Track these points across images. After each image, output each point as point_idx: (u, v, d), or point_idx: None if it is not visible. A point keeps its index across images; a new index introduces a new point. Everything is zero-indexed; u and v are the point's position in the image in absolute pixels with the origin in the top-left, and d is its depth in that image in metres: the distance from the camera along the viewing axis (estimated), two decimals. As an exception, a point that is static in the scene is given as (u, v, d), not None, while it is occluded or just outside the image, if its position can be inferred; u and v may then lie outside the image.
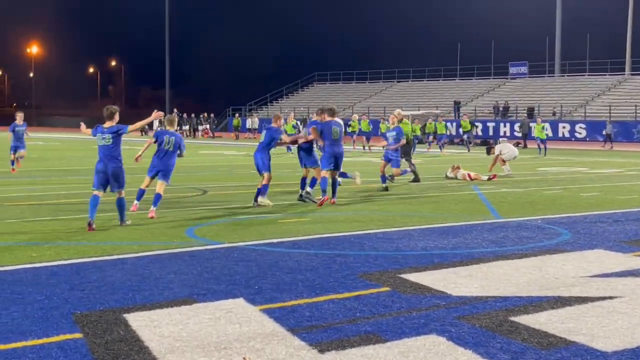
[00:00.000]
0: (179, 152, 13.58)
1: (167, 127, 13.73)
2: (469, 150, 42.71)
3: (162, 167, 13.46)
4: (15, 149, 24.17)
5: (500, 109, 61.37)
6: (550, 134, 47.17)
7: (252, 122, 64.84)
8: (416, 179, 20.38)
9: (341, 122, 16.16)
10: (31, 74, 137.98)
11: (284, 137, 15.65)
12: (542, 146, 37.42)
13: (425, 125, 46.00)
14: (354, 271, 8.60)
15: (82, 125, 13.24)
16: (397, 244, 10.38)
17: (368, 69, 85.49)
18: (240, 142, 55.05)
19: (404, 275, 8.35)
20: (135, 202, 13.80)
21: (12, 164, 23.92)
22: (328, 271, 8.59)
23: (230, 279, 8.18)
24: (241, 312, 6.87)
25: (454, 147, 48.57)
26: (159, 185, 13.47)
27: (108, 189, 12.04)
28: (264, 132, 15.38)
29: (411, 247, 10.19)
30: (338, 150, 15.37)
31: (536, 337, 6.09)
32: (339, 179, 16.22)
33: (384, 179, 18.18)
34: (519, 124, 50.94)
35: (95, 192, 11.96)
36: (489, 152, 22.65)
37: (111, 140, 11.99)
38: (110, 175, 11.99)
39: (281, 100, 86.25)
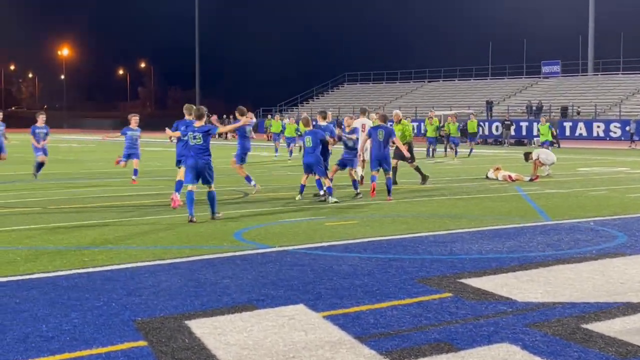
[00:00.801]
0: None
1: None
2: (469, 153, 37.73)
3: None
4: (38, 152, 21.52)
5: (534, 108, 60.82)
6: (555, 133, 43.74)
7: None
8: (423, 179, 19.76)
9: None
10: (62, 77, 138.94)
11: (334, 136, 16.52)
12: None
13: (465, 124, 45.58)
14: (412, 276, 8.44)
15: (168, 131, 15.04)
16: (450, 248, 10.20)
17: (398, 69, 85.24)
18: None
19: (463, 280, 8.18)
20: (176, 193, 14.61)
21: (38, 170, 21.41)
22: (385, 276, 8.44)
23: (287, 284, 8.05)
24: (304, 318, 6.74)
25: (487, 147, 48.12)
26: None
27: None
28: (308, 137, 15.43)
29: (466, 250, 10.01)
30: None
31: (613, 345, 5.91)
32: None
33: (355, 184, 17.00)
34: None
35: (190, 188, 12.81)
36: (526, 158, 22.30)
37: (202, 139, 12.83)
38: (201, 170, 12.81)
39: (311, 101, 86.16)
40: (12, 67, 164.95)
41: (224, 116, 68.66)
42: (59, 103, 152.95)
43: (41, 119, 22.17)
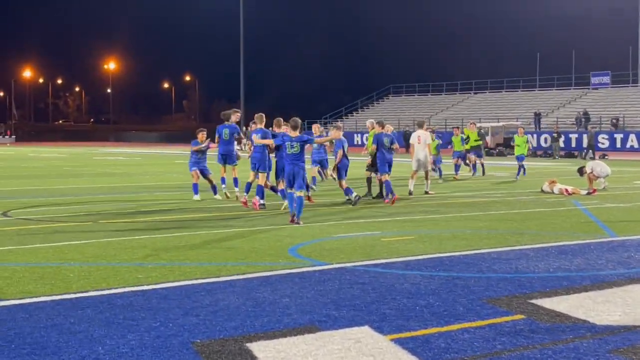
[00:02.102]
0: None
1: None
2: (474, 172, 29.67)
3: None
4: None
5: (582, 120, 59.81)
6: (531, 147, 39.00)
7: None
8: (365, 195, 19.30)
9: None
10: (109, 90, 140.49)
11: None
12: (520, 164, 28.07)
13: (559, 136, 45.16)
14: (479, 296, 8.06)
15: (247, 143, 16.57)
16: (515, 265, 9.79)
17: (444, 81, 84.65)
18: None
19: (535, 301, 7.77)
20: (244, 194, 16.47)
21: None
22: (451, 296, 8.07)
23: (349, 304, 7.72)
24: (371, 342, 6.40)
25: (536, 159, 47.35)
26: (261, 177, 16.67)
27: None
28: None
29: (532, 268, 9.59)
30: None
31: None
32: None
33: (348, 191, 17.64)
34: (587, 134, 49.40)
35: (290, 191, 14.31)
36: (581, 173, 21.72)
37: (299, 148, 14.21)
38: (294, 176, 14.13)
39: (356, 113, 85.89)
40: (59, 81, 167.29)
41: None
42: (104, 116, 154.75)
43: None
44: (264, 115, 17.47)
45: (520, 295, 8.09)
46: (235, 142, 19.37)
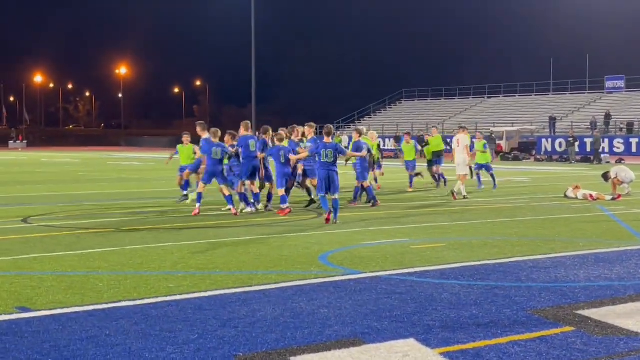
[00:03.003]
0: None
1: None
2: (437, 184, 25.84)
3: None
4: None
5: (598, 123, 59.44)
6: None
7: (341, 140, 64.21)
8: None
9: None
10: (120, 95, 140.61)
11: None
12: (477, 173, 24.92)
13: (575, 140, 45.11)
14: (522, 306, 7.83)
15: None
16: (554, 274, 9.55)
17: (457, 85, 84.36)
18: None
19: (581, 312, 7.53)
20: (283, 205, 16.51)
21: None
22: (494, 306, 7.84)
23: (389, 315, 7.50)
24: (419, 356, 6.19)
25: (552, 164, 47.03)
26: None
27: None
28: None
29: (572, 277, 9.35)
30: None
31: None
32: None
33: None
34: (592, 139, 48.96)
35: (322, 195, 15.21)
36: (606, 178, 21.41)
37: (332, 155, 15.11)
38: (330, 181, 15.05)
39: (368, 117, 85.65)
40: (69, 86, 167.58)
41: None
42: (115, 121, 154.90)
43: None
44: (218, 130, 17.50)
45: (565, 305, 7.85)
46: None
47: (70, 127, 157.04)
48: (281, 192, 16.93)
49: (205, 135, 17.15)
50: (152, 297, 8.35)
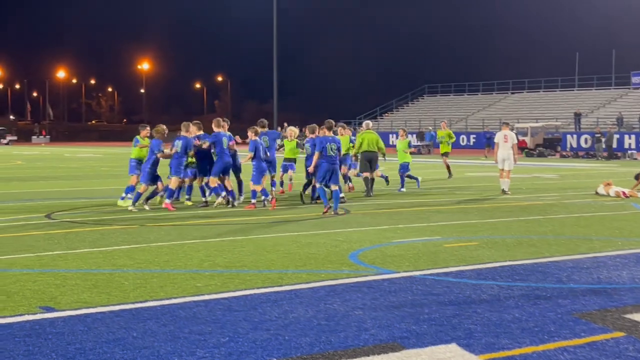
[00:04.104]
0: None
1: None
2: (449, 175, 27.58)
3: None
4: None
5: (624, 119, 58.68)
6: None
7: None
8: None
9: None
10: (142, 90, 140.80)
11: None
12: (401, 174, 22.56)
13: (603, 137, 44.65)
14: (567, 309, 7.47)
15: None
16: (596, 275, 9.18)
17: (480, 80, 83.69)
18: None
19: (630, 316, 7.17)
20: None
21: None
22: (537, 309, 7.48)
23: (427, 318, 7.16)
24: (464, 362, 5.84)
25: (579, 160, 46.44)
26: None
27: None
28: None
29: (615, 279, 8.97)
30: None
31: None
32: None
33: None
34: (605, 135, 48.15)
35: (319, 185, 15.97)
36: (638, 178, 20.90)
37: (337, 149, 16.02)
38: (333, 173, 15.83)
39: (390, 113, 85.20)
40: (92, 82, 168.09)
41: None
42: (137, 116, 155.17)
43: None
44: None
45: (612, 309, 7.48)
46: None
47: (93, 122, 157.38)
48: (257, 187, 17.09)
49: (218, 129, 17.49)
50: (180, 297, 8.07)
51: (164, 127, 17.53)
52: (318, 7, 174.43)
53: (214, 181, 17.07)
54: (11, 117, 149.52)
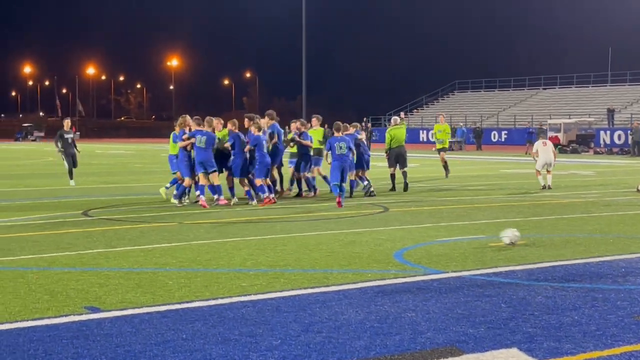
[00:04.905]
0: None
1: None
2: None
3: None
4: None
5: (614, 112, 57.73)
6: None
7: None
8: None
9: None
10: (171, 87, 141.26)
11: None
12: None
13: (637, 131, 43.98)
14: (628, 312, 7.21)
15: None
16: (652, 276, 8.88)
17: (511, 76, 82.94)
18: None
19: (695, 320, 6.88)
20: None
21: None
22: (596, 312, 7.22)
23: (483, 320, 6.93)
24: (528, 368, 5.61)
25: (612, 157, 45.82)
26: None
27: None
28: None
29: (672, 280, 8.68)
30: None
31: None
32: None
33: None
34: (630, 131, 47.38)
35: (335, 184, 16.63)
36: None
37: (346, 148, 16.94)
38: (344, 171, 16.70)
39: (420, 109, 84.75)
40: (121, 78, 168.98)
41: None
42: (165, 113, 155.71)
43: (66, 124, 24.06)
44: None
45: (676, 312, 7.21)
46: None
47: (122, 118, 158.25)
48: (261, 182, 16.92)
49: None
50: (226, 297, 7.90)
51: (188, 117, 17.36)
52: (348, 3, 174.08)
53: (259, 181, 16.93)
54: (41, 113, 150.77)
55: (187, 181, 16.71)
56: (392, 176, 20.72)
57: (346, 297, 7.93)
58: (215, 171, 16.70)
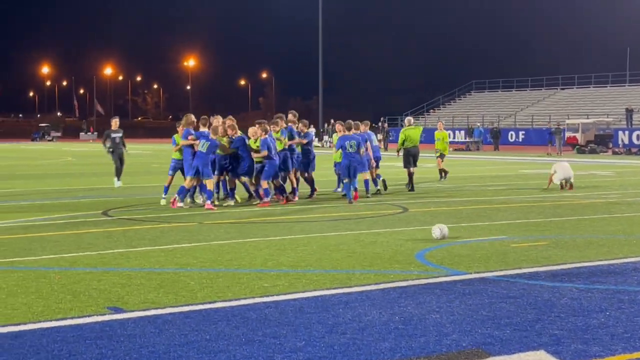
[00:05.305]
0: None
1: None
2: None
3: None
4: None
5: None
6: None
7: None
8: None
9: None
10: (188, 87, 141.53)
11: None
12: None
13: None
14: (655, 314, 7.11)
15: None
16: (678, 278, 8.78)
17: (528, 76, 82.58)
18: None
19: None
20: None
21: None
22: (623, 314, 7.15)
23: (509, 322, 6.86)
24: (557, 371, 5.54)
25: (632, 157, 45.51)
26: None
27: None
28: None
29: (699, 281, 8.57)
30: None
31: None
32: None
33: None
34: None
35: (346, 180, 17.42)
36: None
37: (356, 146, 17.44)
38: (353, 168, 17.30)
39: (437, 109, 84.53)
40: (138, 78, 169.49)
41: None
42: (182, 113, 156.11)
43: (115, 123, 23.07)
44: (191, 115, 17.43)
45: (703, 314, 7.11)
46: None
47: (139, 118, 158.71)
48: (267, 184, 16.83)
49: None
50: (249, 298, 7.86)
51: (193, 116, 17.29)
52: (365, 2, 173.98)
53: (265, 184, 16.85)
54: (58, 113, 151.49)
55: (188, 181, 16.59)
56: (410, 175, 20.61)
57: (369, 298, 7.88)
58: (209, 178, 16.40)
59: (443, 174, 24.34)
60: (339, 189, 19.34)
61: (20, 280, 8.77)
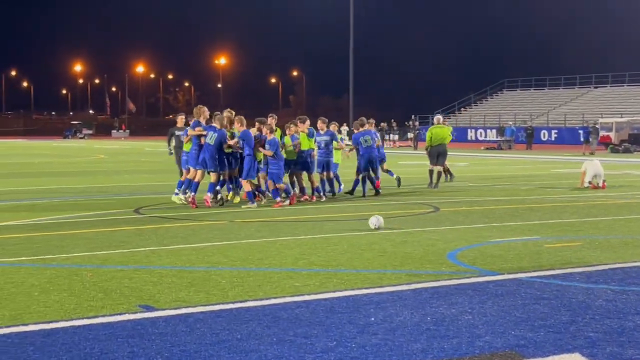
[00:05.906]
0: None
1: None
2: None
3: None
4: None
5: None
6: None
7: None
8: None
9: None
10: (219, 85, 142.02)
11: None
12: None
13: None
14: (693, 318, 6.98)
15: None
16: None
17: (561, 75, 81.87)
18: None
19: None
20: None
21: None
22: (660, 317, 7.01)
23: (543, 324, 6.77)
24: (591, 375, 5.45)
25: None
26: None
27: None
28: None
29: None
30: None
31: None
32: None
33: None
34: None
35: (364, 174, 18.36)
36: None
37: (371, 140, 18.56)
38: (373, 163, 18.50)
39: (469, 107, 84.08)
40: (169, 76, 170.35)
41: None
42: (213, 111, 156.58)
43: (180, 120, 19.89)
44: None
45: None
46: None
47: (171, 116, 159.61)
48: (280, 185, 16.71)
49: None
50: (279, 297, 7.83)
51: (205, 108, 17.26)
52: (395, 0, 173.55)
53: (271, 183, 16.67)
54: (91, 111, 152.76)
55: (192, 173, 16.51)
56: (431, 172, 21.08)
57: (400, 298, 7.82)
58: (215, 172, 16.38)
59: (448, 176, 23.45)
60: (341, 190, 19.25)
61: (52, 277, 8.82)
